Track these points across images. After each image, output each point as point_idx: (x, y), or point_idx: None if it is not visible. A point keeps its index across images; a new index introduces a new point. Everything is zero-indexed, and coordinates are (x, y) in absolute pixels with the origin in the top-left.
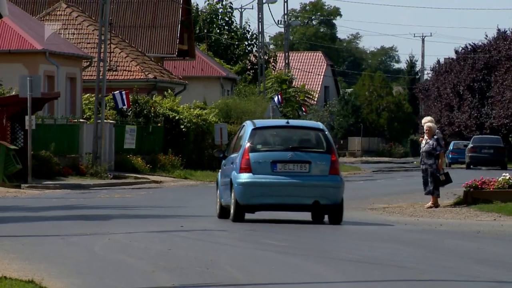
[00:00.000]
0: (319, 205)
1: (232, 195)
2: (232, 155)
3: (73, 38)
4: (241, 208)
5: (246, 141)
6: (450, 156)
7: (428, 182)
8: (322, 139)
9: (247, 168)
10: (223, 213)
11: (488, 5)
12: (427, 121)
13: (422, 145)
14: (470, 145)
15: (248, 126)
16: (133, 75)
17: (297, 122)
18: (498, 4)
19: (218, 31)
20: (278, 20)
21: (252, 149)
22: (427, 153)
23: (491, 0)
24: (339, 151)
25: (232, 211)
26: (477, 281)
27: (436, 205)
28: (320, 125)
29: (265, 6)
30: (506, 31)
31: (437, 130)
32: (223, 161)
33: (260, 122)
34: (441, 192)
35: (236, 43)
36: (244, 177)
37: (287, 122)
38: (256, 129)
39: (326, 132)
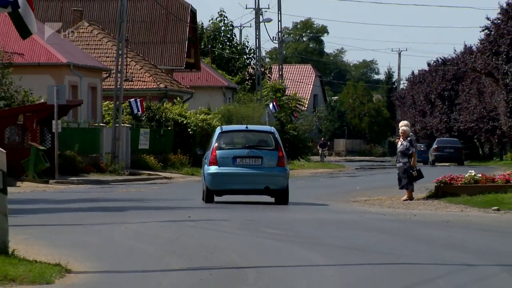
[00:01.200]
0: (269, 190)
1: (204, 182)
2: (207, 152)
3: (94, 53)
4: (210, 192)
5: (214, 142)
6: None
7: (402, 178)
8: (272, 140)
9: (214, 162)
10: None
11: (456, 23)
12: (403, 125)
13: (398, 145)
14: (435, 146)
15: (217, 130)
16: (146, 84)
17: (254, 127)
18: (465, 23)
19: (220, 46)
20: (273, 37)
21: (219, 148)
22: (402, 153)
23: (459, 19)
24: (328, 151)
25: (204, 194)
26: (447, 265)
27: (410, 198)
28: (271, 129)
29: (261, 24)
30: (472, 46)
31: (411, 133)
32: (203, 157)
33: (226, 127)
34: (415, 186)
35: (237, 57)
36: (212, 169)
37: (246, 127)
38: (222, 132)
39: (276, 135)
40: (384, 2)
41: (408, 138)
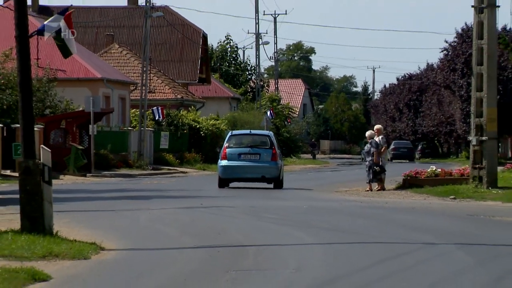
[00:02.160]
0: (265, 178)
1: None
2: (221, 150)
3: (123, 69)
4: (222, 180)
5: (226, 142)
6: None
7: (368, 173)
8: (268, 141)
9: (224, 157)
10: None
11: (420, 45)
12: (374, 128)
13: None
14: (392, 146)
15: (228, 133)
16: (166, 95)
17: (256, 131)
18: (427, 45)
19: (227, 64)
20: (270, 56)
21: (228, 146)
22: (367, 153)
23: (423, 42)
24: (318, 149)
25: (218, 182)
26: (411, 243)
27: (383, 188)
28: (269, 133)
29: (260, 46)
30: (433, 64)
31: (381, 136)
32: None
33: (235, 132)
34: (386, 179)
35: (240, 73)
36: (223, 162)
37: (250, 131)
38: (231, 135)
39: (271, 137)
40: (361, 28)
41: (370, 140)
